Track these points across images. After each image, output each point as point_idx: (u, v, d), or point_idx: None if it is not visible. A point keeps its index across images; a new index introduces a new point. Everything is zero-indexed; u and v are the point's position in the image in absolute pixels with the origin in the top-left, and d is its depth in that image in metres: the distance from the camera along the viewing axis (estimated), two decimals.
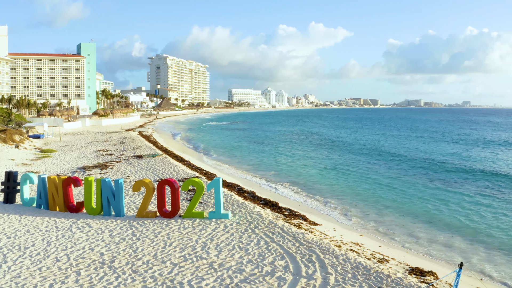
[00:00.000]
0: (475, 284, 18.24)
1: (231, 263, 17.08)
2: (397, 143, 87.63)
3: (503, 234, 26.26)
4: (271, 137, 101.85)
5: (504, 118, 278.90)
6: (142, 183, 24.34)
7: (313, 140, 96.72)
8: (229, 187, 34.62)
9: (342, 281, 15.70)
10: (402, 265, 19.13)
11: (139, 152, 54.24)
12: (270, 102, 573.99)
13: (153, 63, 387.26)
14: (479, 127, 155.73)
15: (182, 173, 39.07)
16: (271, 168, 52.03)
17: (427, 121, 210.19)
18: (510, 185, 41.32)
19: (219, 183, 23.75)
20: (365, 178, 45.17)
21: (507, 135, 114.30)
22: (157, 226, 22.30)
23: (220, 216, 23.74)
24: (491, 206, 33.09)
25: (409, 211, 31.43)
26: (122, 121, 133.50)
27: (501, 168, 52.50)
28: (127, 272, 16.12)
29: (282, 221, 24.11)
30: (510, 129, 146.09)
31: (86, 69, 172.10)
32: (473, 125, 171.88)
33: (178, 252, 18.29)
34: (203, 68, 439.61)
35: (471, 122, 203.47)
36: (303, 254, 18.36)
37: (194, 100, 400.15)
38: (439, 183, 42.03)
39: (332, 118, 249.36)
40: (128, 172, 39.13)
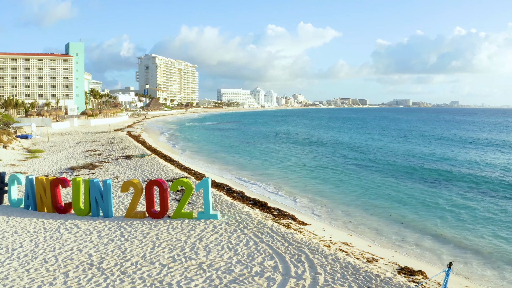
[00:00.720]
0: (463, 283, 18.32)
1: (220, 264, 17.05)
2: (382, 144, 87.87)
3: (490, 233, 26.40)
4: (259, 137, 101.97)
5: (487, 117, 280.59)
6: (131, 184, 24.24)
7: (299, 140, 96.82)
8: (218, 187, 34.58)
9: (331, 281, 15.70)
10: (391, 265, 19.19)
11: (127, 152, 54.04)
12: (259, 102, 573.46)
13: (142, 62, 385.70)
14: (460, 127, 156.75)
15: (170, 173, 38.97)
16: (260, 168, 52.03)
17: (409, 121, 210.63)
18: (496, 185, 41.56)
19: (208, 183, 23.70)
20: (353, 178, 45.28)
21: (486, 134, 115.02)
22: (146, 227, 22.22)
23: (209, 217, 23.69)
24: (478, 206, 33.25)
25: (398, 211, 31.52)
26: (111, 121, 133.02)
27: (487, 169, 52.81)
28: (115, 273, 16.04)
29: (271, 221, 24.09)
30: (492, 128, 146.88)
31: (75, 69, 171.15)
32: (455, 125, 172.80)
33: (167, 253, 18.23)
34: (192, 68, 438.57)
35: (453, 122, 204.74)
36: (292, 254, 18.36)
37: (183, 100, 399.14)
38: (426, 183, 42.21)
39: (317, 118, 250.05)
40: (116, 173, 38.97)
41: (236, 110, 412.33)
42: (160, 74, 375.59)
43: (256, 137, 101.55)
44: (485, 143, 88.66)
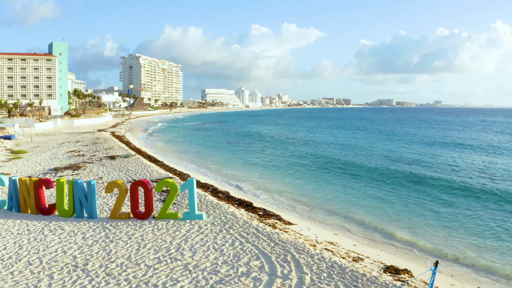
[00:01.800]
0: (448, 281, 18.41)
1: (206, 264, 16.99)
2: (361, 144, 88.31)
3: (474, 232, 26.59)
4: (243, 137, 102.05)
5: (464, 117, 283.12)
6: (115, 184, 24.10)
7: (283, 139, 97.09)
8: (203, 188, 34.49)
9: (317, 280, 15.71)
10: (376, 264, 19.25)
11: (111, 153, 53.76)
12: (244, 102, 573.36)
13: (125, 62, 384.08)
14: (433, 126, 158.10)
15: (155, 173, 38.81)
16: (246, 168, 52.03)
17: (384, 121, 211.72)
18: (479, 184, 41.88)
19: (193, 183, 23.62)
20: (337, 178, 45.46)
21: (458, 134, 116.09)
22: (131, 228, 22.10)
23: (194, 217, 23.61)
24: (461, 205, 33.50)
25: (382, 210, 31.66)
26: (94, 121, 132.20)
27: (467, 168, 53.22)
28: (100, 275, 15.92)
29: (256, 221, 24.08)
30: (463, 128, 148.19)
31: (58, 69, 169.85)
32: (430, 124, 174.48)
33: (152, 254, 18.13)
34: (176, 68, 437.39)
35: (429, 121, 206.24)
36: (278, 254, 18.35)
37: (167, 100, 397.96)
38: (409, 182, 42.43)
39: (297, 118, 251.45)
40: (100, 173, 38.74)
41: (221, 110, 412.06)
42: (144, 74, 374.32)
43: (240, 137, 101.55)
44: (460, 142, 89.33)
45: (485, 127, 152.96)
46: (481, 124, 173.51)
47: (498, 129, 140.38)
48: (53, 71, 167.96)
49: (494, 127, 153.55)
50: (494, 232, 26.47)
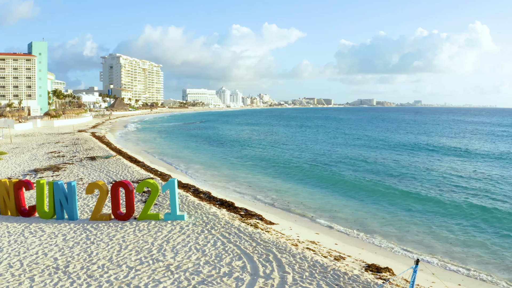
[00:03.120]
0: (429, 279, 18.56)
1: (188, 265, 16.97)
2: (342, 142, 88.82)
3: (456, 229, 26.86)
4: (224, 137, 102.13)
5: (436, 116, 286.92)
6: (96, 185, 23.97)
7: (264, 139, 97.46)
8: (185, 188, 34.42)
9: (299, 280, 15.77)
10: (358, 262, 19.38)
11: (92, 154, 53.40)
12: (225, 102, 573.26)
13: (106, 62, 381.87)
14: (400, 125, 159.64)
15: (136, 174, 38.65)
16: (227, 168, 52.01)
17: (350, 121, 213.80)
18: (461, 182, 42.34)
19: (174, 184, 23.56)
20: (318, 176, 45.60)
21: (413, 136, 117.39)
22: (112, 229, 21.98)
23: (176, 218, 23.56)
24: (444, 203, 33.80)
25: (363, 209, 31.85)
26: (75, 122, 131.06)
27: (449, 165, 53.77)
28: (82, 277, 15.83)
29: (238, 221, 24.09)
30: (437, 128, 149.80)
31: (37, 69, 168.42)
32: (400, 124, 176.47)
33: (133, 255, 18.06)
34: (157, 68, 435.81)
35: (397, 121, 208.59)
36: (260, 254, 18.39)
37: (148, 100, 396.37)
38: (390, 180, 42.74)
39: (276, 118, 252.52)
40: (81, 174, 38.48)
41: (202, 110, 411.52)
42: (124, 74, 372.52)
43: (220, 137, 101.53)
44: (436, 143, 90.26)
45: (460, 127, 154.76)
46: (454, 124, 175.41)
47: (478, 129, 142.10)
48: (32, 71, 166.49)
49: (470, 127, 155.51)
50: (475, 231, 26.77)
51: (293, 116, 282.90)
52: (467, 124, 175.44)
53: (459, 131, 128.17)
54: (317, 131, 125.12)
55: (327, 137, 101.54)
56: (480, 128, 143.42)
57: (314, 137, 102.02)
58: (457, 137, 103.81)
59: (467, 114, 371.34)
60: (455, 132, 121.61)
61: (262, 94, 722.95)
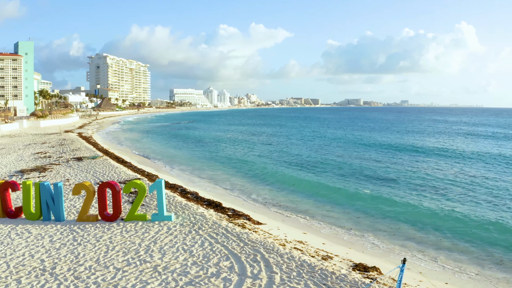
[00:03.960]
0: (417, 278, 18.63)
1: (176, 266, 16.95)
2: (326, 142, 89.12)
3: (443, 229, 27.01)
4: (210, 137, 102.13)
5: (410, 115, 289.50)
6: (82, 186, 23.86)
7: (250, 138, 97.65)
8: (172, 188, 34.35)
9: (287, 279, 15.80)
10: (346, 262, 19.43)
11: (78, 154, 53.14)
12: (212, 102, 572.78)
13: (92, 62, 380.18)
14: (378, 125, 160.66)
15: (123, 175, 38.52)
16: (214, 168, 51.96)
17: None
18: (446, 180, 42.60)
19: (161, 184, 23.51)
20: (304, 176, 45.69)
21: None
22: (99, 230, 21.89)
23: (163, 218, 23.50)
24: (430, 202, 33.97)
25: (350, 208, 31.91)
26: (61, 122, 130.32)
27: (431, 166, 54.06)
28: (69, 278, 15.75)
29: (226, 222, 24.09)
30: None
31: (24, 69, 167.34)
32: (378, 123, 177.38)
33: (121, 256, 17.99)
34: (144, 68, 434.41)
35: (379, 121, 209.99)
36: (248, 254, 18.40)
37: (135, 100, 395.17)
38: (376, 181, 42.88)
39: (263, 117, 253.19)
40: (67, 175, 38.28)
41: (189, 110, 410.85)
42: (111, 74, 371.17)
43: (207, 137, 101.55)
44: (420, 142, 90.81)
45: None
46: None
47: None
48: (19, 71, 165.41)
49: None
50: (462, 230, 26.92)
51: (277, 116, 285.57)
52: (446, 124, 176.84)
53: (438, 130, 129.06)
54: (299, 131, 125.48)
55: (308, 137, 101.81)
56: (457, 128, 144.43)
57: (296, 136, 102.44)
58: (436, 136, 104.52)
59: (450, 113, 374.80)
60: (433, 132, 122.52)
61: (249, 94, 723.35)
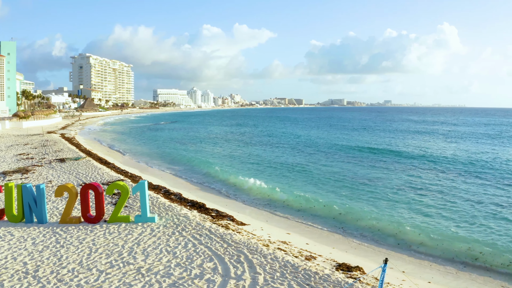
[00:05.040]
0: (400, 277, 18.78)
1: (159, 268, 16.94)
2: (307, 141, 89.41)
3: (426, 227, 27.19)
4: (195, 138, 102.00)
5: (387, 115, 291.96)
6: (65, 188, 23.73)
7: (233, 138, 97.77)
8: (155, 190, 34.26)
9: (271, 280, 15.86)
10: (329, 262, 19.52)
11: (61, 155, 52.84)
12: (196, 102, 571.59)
13: (75, 62, 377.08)
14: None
15: (106, 176, 38.37)
16: (198, 168, 51.87)
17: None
18: (429, 178, 42.91)
19: (145, 185, 23.47)
20: (288, 175, 45.75)
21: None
22: (82, 232, 21.80)
23: (146, 220, 23.46)
24: (412, 200, 34.19)
25: (334, 208, 31.97)
26: (44, 123, 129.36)
27: (412, 164, 54.42)
28: (52, 281, 15.68)
29: (209, 223, 24.11)
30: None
31: (6, 69, 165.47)
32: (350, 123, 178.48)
33: (104, 259, 17.94)
34: (128, 68, 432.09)
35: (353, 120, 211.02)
36: (231, 255, 18.43)
37: (118, 101, 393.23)
38: (357, 180, 43.07)
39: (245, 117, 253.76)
40: (50, 177, 38.04)
41: (173, 110, 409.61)
42: (94, 74, 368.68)
43: (191, 138, 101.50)
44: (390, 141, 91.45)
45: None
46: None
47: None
48: (0, 72, 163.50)
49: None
50: (443, 229, 27.12)
51: (258, 116, 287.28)
52: (426, 124, 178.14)
53: (416, 130, 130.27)
54: (276, 128, 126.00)
55: (287, 133, 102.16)
56: (435, 128, 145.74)
57: (274, 134, 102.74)
58: (414, 137, 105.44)
59: (428, 113, 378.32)
60: (410, 132, 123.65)
61: (233, 94, 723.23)
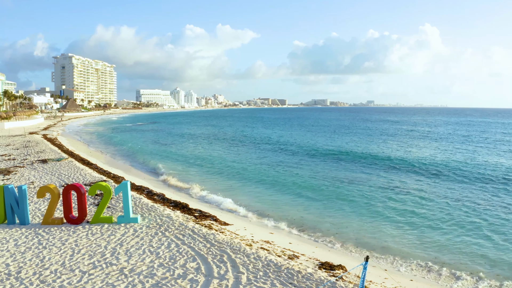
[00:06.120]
0: (382, 275, 18.94)
1: (142, 268, 16.95)
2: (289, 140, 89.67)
3: (407, 226, 27.44)
4: (177, 137, 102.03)
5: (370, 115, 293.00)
6: (47, 189, 23.63)
7: (217, 139, 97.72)
8: (138, 190, 34.19)
9: (254, 279, 15.95)
10: (312, 261, 19.63)
11: (43, 156, 52.49)
12: (179, 102, 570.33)
13: (58, 62, 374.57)
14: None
15: (89, 177, 38.21)
16: (180, 168, 51.80)
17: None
18: (410, 176, 43.25)
19: (127, 186, 23.43)
20: (269, 175, 45.87)
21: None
22: (64, 233, 21.73)
23: (129, 220, 23.43)
24: (393, 199, 34.44)
25: (316, 208, 32.17)
26: (26, 123, 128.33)
27: (394, 163, 54.78)
28: (34, 282, 15.63)
29: (192, 223, 24.13)
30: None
31: None
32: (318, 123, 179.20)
33: (87, 260, 17.91)
34: (110, 68, 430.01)
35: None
36: (214, 255, 18.49)
37: (101, 101, 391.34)
38: (339, 179, 43.28)
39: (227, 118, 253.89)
40: (32, 178, 37.81)
41: (156, 111, 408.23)
42: (77, 75, 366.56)
43: (174, 137, 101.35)
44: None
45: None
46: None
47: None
48: None
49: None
50: (425, 228, 27.38)
51: (240, 116, 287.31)
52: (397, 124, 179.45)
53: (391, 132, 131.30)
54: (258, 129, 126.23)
55: (266, 135, 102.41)
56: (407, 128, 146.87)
57: (256, 135, 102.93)
58: (391, 138, 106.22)
59: (405, 113, 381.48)
60: (388, 134, 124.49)
61: (216, 95, 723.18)
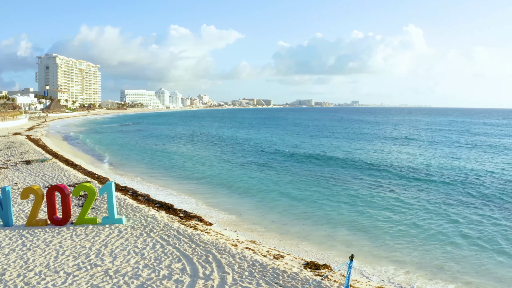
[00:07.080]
0: (366, 273, 19.04)
1: (127, 269, 16.90)
2: (275, 140, 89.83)
3: (392, 225, 27.58)
4: (162, 138, 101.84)
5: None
6: (31, 190, 23.49)
7: (202, 139, 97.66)
8: (123, 191, 34.07)
9: (239, 279, 15.97)
10: (297, 260, 19.69)
11: (27, 157, 52.14)
12: (164, 103, 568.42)
13: (41, 62, 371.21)
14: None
15: (73, 178, 38.01)
16: (166, 169, 51.66)
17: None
18: (397, 176, 43.48)
19: (112, 187, 23.35)
20: (255, 175, 45.89)
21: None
22: (48, 235, 21.60)
23: (114, 221, 23.35)
24: (379, 199, 34.60)
25: (301, 207, 32.21)
26: (9, 124, 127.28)
27: (381, 163, 55.06)
28: (19, 284, 15.53)
29: (177, 223, 24.09)
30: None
31: None
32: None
33: (71, 261, 17.82)
34: (95, 68, 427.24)
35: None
36: (199, 255, 18.48)
37: (85, 102, 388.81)
38: (324, 179, 43.42)
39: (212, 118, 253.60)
40: (16, 179, 37.55)
41: (141, 111, 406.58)
42: (61, 75, 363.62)
43: (159, 138, 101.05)
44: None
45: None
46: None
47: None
48: None
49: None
50: (410, 227, 27.54)
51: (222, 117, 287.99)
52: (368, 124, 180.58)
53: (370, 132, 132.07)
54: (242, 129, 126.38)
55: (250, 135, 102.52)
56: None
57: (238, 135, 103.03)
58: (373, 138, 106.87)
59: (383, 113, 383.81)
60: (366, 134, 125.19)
61: (201, 95, 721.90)
